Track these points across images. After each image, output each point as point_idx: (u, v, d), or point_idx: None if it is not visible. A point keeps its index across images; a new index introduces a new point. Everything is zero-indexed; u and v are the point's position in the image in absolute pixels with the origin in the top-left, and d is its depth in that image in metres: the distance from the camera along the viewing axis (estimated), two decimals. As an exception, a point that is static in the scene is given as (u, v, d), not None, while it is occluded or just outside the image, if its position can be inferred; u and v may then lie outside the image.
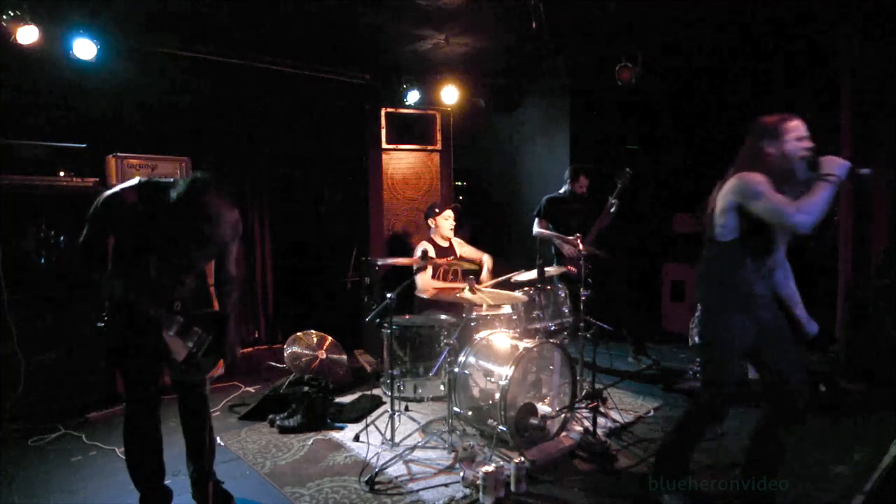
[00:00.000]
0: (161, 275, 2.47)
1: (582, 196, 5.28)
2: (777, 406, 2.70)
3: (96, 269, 2.39)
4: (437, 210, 4.69)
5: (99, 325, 2.54)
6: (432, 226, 4.72)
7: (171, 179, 2.40)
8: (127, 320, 2.46)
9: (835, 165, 2.44)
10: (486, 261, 4.81)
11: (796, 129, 2.55)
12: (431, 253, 4.42)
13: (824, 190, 2.40)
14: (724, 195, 2.58)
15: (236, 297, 2.82)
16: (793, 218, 2.38)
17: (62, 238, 2.42)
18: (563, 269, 4.48)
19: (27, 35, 4.08)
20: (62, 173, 4.13)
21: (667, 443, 2.96)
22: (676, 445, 2.89)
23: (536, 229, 5.30)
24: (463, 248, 4.84)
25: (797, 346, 2.70)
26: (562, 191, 5.41)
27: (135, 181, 2.44)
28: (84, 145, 4.25)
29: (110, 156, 4.37)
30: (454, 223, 4.74)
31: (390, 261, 4.32)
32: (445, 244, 4.72)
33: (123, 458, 3.35)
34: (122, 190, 2.41)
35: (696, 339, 2.77)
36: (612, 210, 4.96)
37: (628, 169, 4.94)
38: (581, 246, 4.02)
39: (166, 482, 2.73)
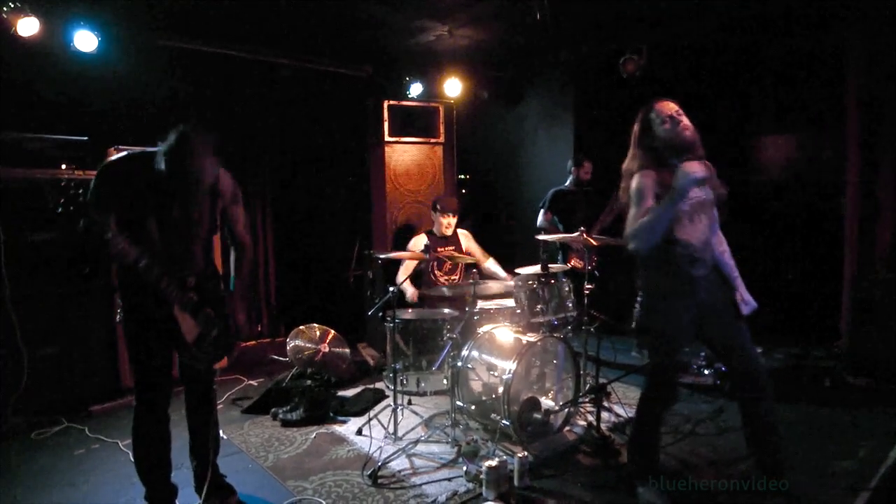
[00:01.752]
0: (167, 244, 2.46)
1: (587, 184, 5.25)
2: (741, 382, 2.73)
3: (102, 221, 2.34)
4: (439, 207, 4.65)
5: (119, 311, 2.56)
6: (434, 220, 4.70)
7: (159, 146, 2.40)
8: (140, 296, 2.45)
9: (685, 175, 2.44)
10: (491, 266, 4.76)
11: (663, 108, 2.66)
12: (421, 244, 4.41)
13: (660, 209, 2.48)
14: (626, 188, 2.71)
15: (248, 268, 2.82)
16: (629, 241, 2.54)
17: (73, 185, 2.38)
18: (566, 267, 4.45)
19: (27, 27, 4.06)
20: (64, 166, 4.12)
21: (632, 436, 2.96)
22: (640, 437, 2.91)
23: (541, 220, 5.29)
24: (469, 243, 4.79)
25: (742, 323, 2.71)
26: (567, 182, 5.39)
27: (123, 153, 2.53)
28: (85, 138, 4.23)
29: (112, 149, 4.33)
30: (451, 227, 4.70)
31: (393, 255, 4.28)
32: (450, 233, 4.69)
33: (126, 451, 3.41)
34: (114, 159, 2.48)
35: (637, 324, 2.83)
36: (621, 204, 4.92)
37: None
38: (585, 237, 3.97)
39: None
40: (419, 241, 4.60)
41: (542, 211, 5.32)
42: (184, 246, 2.51)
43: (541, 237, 4.07)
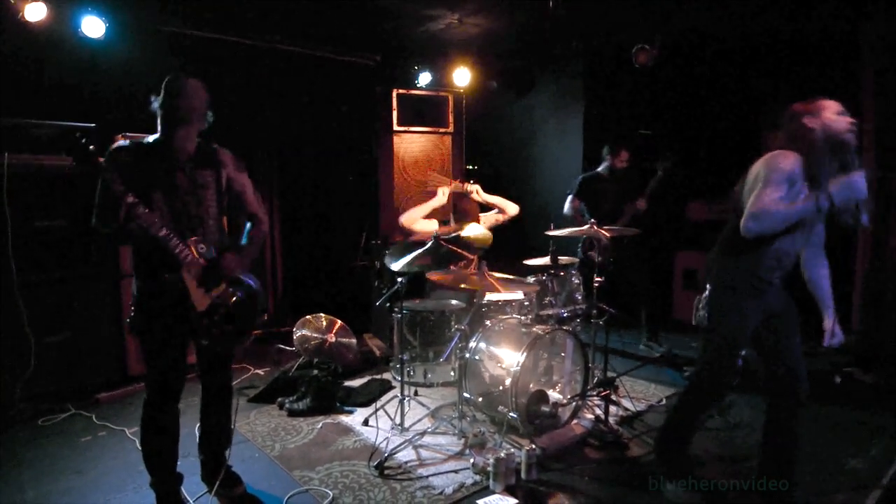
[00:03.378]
0: (175, 213, 2.45)
1: (621, 172, 5.12)
2: (778, 396, 2.67)
3: (121, 188, 2.32)
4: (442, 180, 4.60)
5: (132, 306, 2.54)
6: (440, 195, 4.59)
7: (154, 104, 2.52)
8: (156, 268, 2.44)
9: (849, 188, 2.29)
10: (505, 208, 4.63)
11: (832, 105, 2.49)
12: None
13: (800, 205, 2.32)
14: (755, 168, 2.48)
15: (261, 235, 2.81)
16: (745, 222, 2.34)
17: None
18: (575, 260, 4.39)
19: (35, 12, 4.04)
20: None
21: (665, 432, 2.92)
22: (675, 433, 2.86)
23: (567, 207, 5.17)
24: (485, 220, 4.69)
25: (798, 336, 2.66)
26: (600, 168, 5.23)
27: (128, 141, 2.58)
28: (93, 125, 4.21)
29: (119, 136, 4.32)
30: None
31: (402, 261, 3.86)
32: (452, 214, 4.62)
33: (133, 438, 3.41)
34: (117, 144, 2.52)
35: (704, 319, 2.71)
36: (640, 212, 4.91)
37: (669, 153, 4.85)
38: (597, 230, 3.92)
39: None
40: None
41: (569, 197, 5.18)
42: (192, 214, 2.50)
43: (552, 232, 4.00)
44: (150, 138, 2.53)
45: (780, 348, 2.64)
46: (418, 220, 4.42)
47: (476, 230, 4.24)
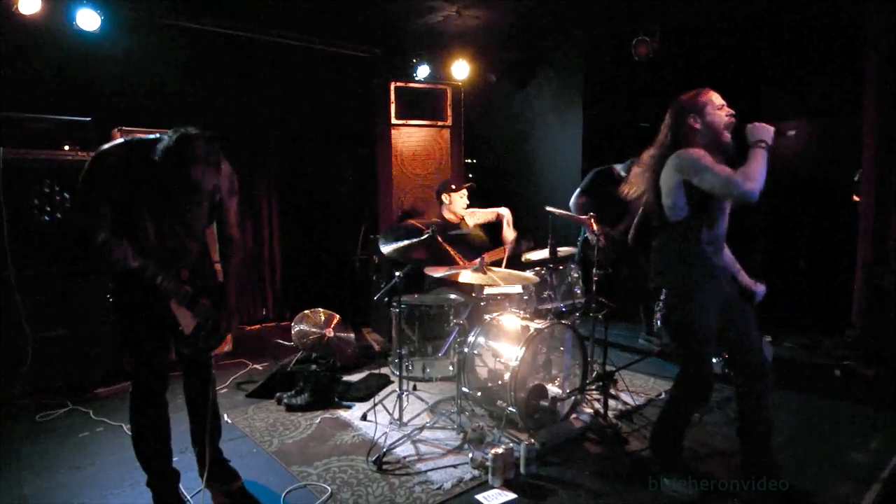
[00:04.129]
0: (162, 239, 2.40)
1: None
2: (749, 379, 2.70)
3: (93, 225, 2.19)
4: (453, 186, 4.57)
5: (109, 301, 2.50)
6: (445, 201, 4.59)
7: (158, 135, 2.32)
8: (134, 291, 2.39)
9: (762, 131, 2.48)
10: (505, 213, 4.65)
11: (714, 99, 2.60)
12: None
13: (760, 156, 2.44)
14: (665, 178, 2.58)
15: (238, 262, 2.71)
16: (741, 186, 2.38)
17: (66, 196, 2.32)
18: (573, 251, 4.37)
19: (29, 5, 4.01)
20: (67, 147, 4.08)
21: (658, 427, 2.94)
22: (667, 430, 2.89)
23: (574, 202, 5.02)
24: (475, 217, 4.70)
25: (753, 315, 2.72)
26: (617, 166, 5.00)
27: (120, 139, 2.39)
28: (88, 119, 4.19)
29: (115, 129, 4.30)
30: (467, 202, 4.64)
31: (394, 246, 4.01)
32: (456, 221, 4.63)
33: (130, 434, 3.39)
34: (110, 147, 2.34)
35: (666, 324, 2.76)
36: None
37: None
38: (595, 227, 3.91)
39: (174, 458, 2.70)
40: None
41: (577, 192, 5.02)
42: (179, 241, 2.44)
43: (552, 209, 3.96)
44: (146, 141, 2.31)
45: (742, 337, 2.69)
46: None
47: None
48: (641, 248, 4.82)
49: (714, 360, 4.45)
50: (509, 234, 4.59)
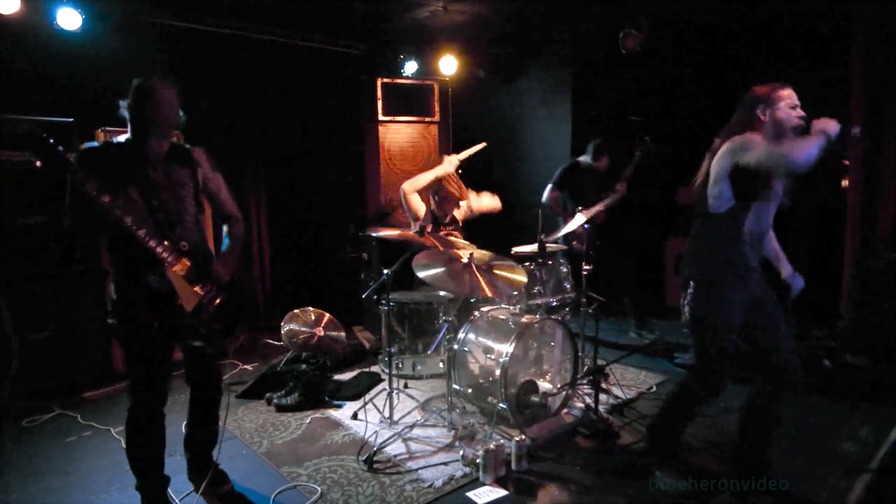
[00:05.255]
0: (153, 210, 2.38)
1: (599, 170, 5.14)
2: (768, 380, 2.68)
3: (84, 220, 2.29)
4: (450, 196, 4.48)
5: (109, 308, 2.49)
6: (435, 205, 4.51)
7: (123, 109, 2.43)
8: (133, 270, 2.37)
9: (826, 123, 2.41)
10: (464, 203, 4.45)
11: (789, 97, 2.54)
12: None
13: (816, 139, 2.38)
14: (716, 162, 2.54)
15: (240, 232, 2.74)
16: (789, 156, 2.34)
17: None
18: (563, 247, 4.37)
19: (8, 4, 3.95)
20: (49, 148, 4.02)
21: (658, 420, 2.92)
22: (668, 423, 2.87)
23: (546, 197, 5.13)
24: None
25: (785, 320, 2.69)
26: (581, 159, 5.21)
27: (98, 142, 2.54)
28: (71, 119, 4.13)
29: (99, 130, 4.25)
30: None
31: (385, 233, 3.96)
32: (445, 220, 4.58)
33: (119, 438, 3.37)
34: (85, 147, 2.42)
35: (689, 315, 2.72)
36: (624, 186, 4.89)
37: (647, 138, 4.82)
38: (584, 216, 3.90)
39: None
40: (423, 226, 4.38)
41: (549, 188, 5.14)
42: (170, 211, 2.43)
43: (546, 201, 3.95)
44: (121, 138, 2.45)
45: (767, 332, 2.65)
46: (415, 191, 4.16)
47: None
48: (611, 234, 4.89)
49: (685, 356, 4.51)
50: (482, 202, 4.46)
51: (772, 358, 2.64)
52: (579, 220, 3.88)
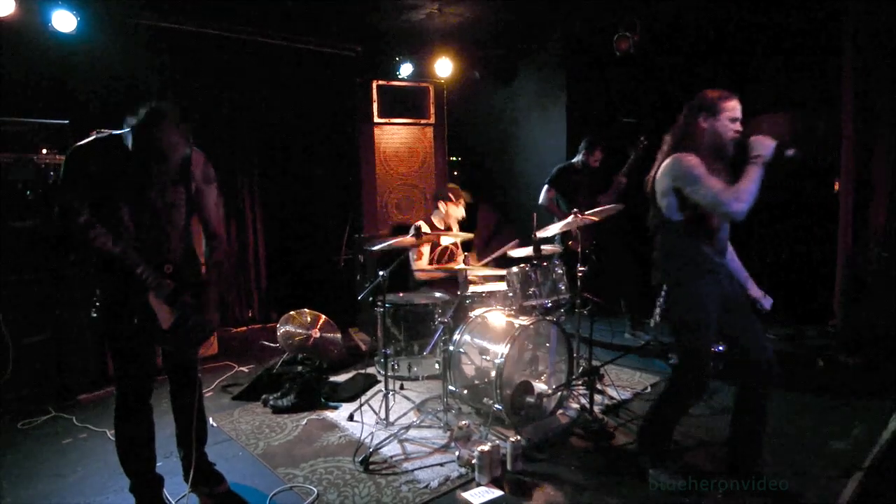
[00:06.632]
0: (141, 229, 2.38)
1: (594, 169, 5.16)
2: (751, 377, 2.73)
3: (74, 206, 2.23)
4: (451, 197, 4.53)
5: (94, 304, 2.49)
6: (441, 209, 4.54)
7: (128, 128, 2.35)
8: (118, 286, 2.37)
9: (762, 146, 2.50)
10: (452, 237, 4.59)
11: (732, 110, 2.60)
12: (425, 229, 4.32)
13: (755, 174, 2.48)
14: (662, 177, 2.62)
15: (219, 257, 2.69)
16: (730, 206, 2.44)
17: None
18: (559, 250, 4.39)
19: (3, 7, 3.95)
20: (44, 150, 4.03)
21: (649, 420, 2.94)
22: (658, 424, 2.89)
23: (543, 197, 5.15)
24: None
25: (757, 320, 2.74)
26: (575, 160, 5.24)
27: (92, 136, 2.43)
28: (66, 121, 4.13)
29: (93, 132, 4.23)
30: (464, 214, 4.60)
31: (382, 245, 4.01)
32: (442, 227, 4.59)
33: (114, 440, 3.35)
34: (84, 142, 2.37)
35: (665, 319, 2.77)
36: (622, 186, 4.91)
37: (643, 138, 4.85)
38: (581, 217, 3.91)
39: (158, 463, 2.69)
40: (419, 225, 4.43)
41: (545, 188, 5.18)
42: (159, 232, 2.43)
43: (542, 203, 3.99)
44: (127, 142, 2.35)
45: (742, 327, 2.70)
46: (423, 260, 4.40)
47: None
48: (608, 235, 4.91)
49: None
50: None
51: (751, 355, 2.69)
52: (572, 220, 3.90)
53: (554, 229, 4.03)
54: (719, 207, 2.46)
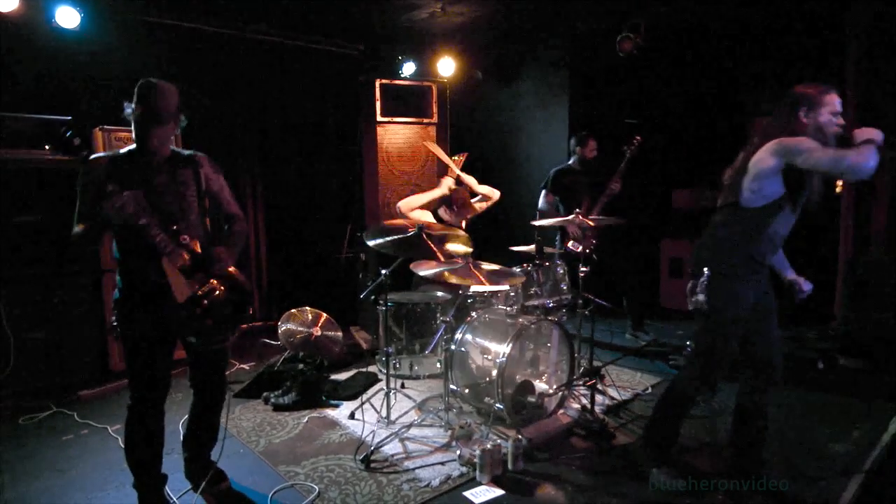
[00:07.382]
0: (157, 208, 2.39)
1: (591, 163, 5.11)
2: (755, 377, 2.73)
3: (93, 234, 2.37)
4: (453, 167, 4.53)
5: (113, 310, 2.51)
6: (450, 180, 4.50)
7: (129, 110, 2.47)
8: (136, 263, 2.41)
9: (870, 133, 2.38)
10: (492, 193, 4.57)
11: (833, 104, 2.49)
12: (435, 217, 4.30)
13: (869, 148, 2.33)
14: (760, 159, 2.49)
15: (238, 230, 2.72)
16: (851, 159, 2.30)
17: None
18: (560, 251, 4.40)
19: (6, 3, 3.97)
20: (47, 147, 4.03)
21: (655, 418, 2.94)
22: (665, 420, 2.89)
23: (542, 202, 5.13)
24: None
25: (776, 321, 2.75)
26: (570, 161, 5.23)
27: (107, 153, 2.55)
28: (69, 118, 4.13)
29: (97, 129, 4.25)
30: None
31: (382, 241, 3.96)
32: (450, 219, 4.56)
33: (115, 436, 3.38)
34: (95, 156, 2.45)
35: (702, 304, 2.67)
36: (619, 183, 4.90)
37: (638, 137, 4.85)
38: (582, 219, 3.91)
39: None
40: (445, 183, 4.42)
41: (543, 192, 5.16)
42: (174, 208, 2.46)
43: (536, 222, 4.01)
44: (126, 149, 2.49)
45: (761, 331, 2.70)
46: (416, 208, 4.30)
47: (458, 247, 4.15)
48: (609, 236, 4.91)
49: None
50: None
51: (758, 350, 2.70)
52: (572, 219, 3.90)
53: (550, 221, 4.03)
54: (841, 162, 2.33)
